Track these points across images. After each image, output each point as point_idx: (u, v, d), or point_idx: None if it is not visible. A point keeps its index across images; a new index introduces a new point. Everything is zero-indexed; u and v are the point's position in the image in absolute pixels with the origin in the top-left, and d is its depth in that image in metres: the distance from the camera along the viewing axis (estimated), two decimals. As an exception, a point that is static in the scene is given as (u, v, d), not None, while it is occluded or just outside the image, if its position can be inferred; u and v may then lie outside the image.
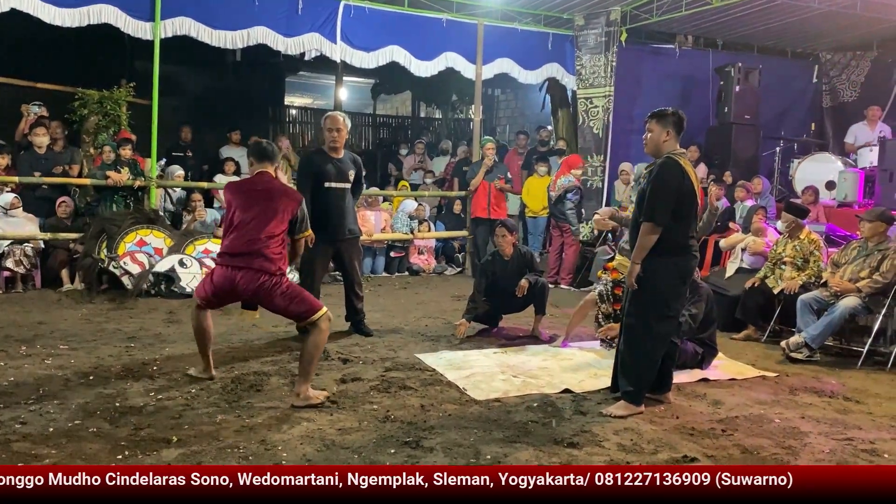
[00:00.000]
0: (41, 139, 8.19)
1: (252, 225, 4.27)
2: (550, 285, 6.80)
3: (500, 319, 6.49)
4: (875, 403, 4.71)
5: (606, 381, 4.74)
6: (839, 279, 5.97)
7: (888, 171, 8.11)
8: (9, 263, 7.41)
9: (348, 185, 5.90)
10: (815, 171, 9.46)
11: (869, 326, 5.89)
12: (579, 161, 9.68)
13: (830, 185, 9.13)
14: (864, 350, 5.73)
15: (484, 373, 5.02)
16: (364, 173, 6.27)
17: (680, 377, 4.91)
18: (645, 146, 4.40)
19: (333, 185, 5.80)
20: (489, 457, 3.50)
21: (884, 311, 5.77)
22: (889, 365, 5.60)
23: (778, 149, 10.19)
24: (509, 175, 9.83)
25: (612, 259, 6.19)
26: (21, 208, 7.75)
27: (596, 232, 9.09)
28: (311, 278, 5.82)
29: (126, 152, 8.17)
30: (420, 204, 10.16)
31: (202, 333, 4.58)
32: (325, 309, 4.27)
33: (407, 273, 9.71)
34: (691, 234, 4.29)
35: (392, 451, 3.54)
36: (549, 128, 11.92)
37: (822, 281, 6.17)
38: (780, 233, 7.10)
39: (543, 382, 4.84)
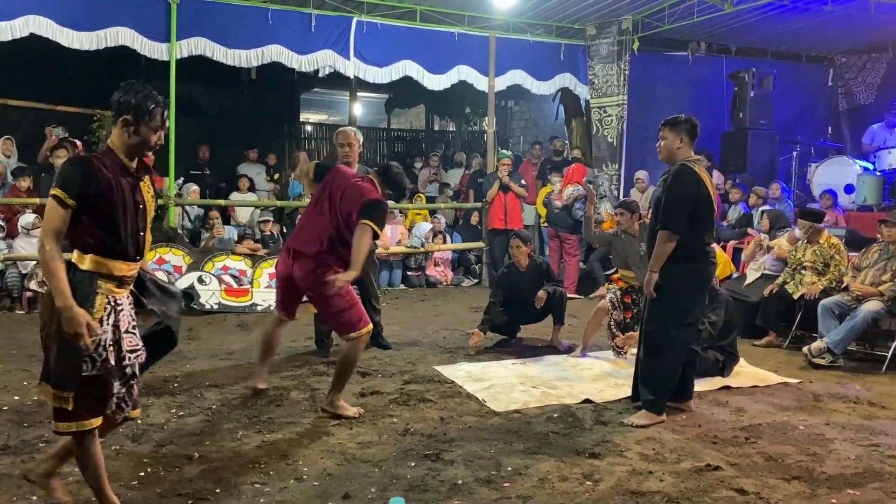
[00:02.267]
0: (62, 161, 8.31)
1: (309, 220, 4.38)
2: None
3: (517, 330, 6.47)
4: (901, 408, 4.65)
5: (627, 391, 4.71)
6: (860, 283, 5.91)
7: (907, 173, 8.03)
8: (32, 285, 7.51)
9: None
10: (834, 174, 9.38)
11: (893, 330, 5.82)
12: (584, 170, 9.82)
13: (849, 189, 9.05)
14: (889, 354, 5.66)
15: (503, 384, 5.01)
16: None
17: (701, 385, 4.88)
18: (659, 154, 4.40)
19: None
20: (510, 468, 3.49)
21: (907, 315, 5.70)
22: (914, 369, 5.53)
23: (795, 153, 10.12)
24: (523, 182, 9.85)
25: (615, 272, 6.18)
26: (42, 229, 7.86)
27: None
28: None
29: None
30: (436, 217, 10.20)
31: (266, 342, 4.61)
32: (370, 326, 4.29)
33: (424, 285, 9.72)
34: (708, 241, 4.27)
35: (413, 464, 3.53)
36: (564, 139, 11.92)
37: (843, 285, 6.11)
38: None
39: (563, 393, 4.82)
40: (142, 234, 2.83)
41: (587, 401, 4.64)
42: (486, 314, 6.16)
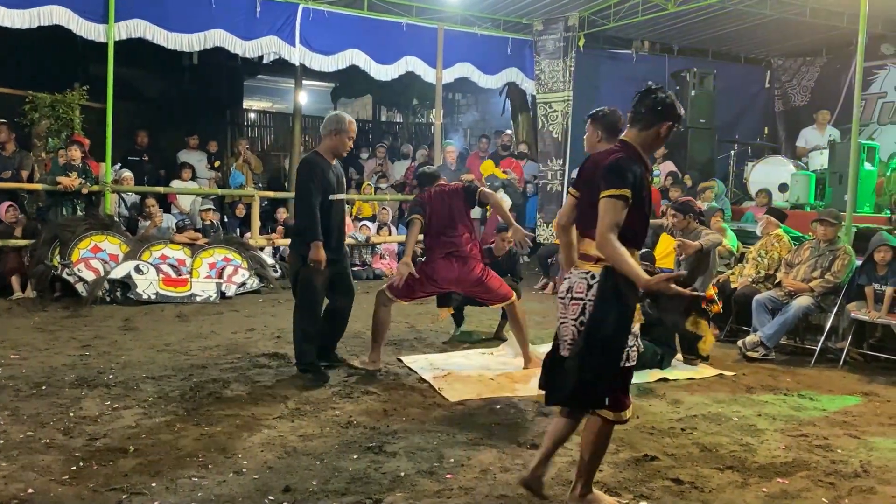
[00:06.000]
0: (-4, 143, 7.95)
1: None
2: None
3: (463, 319, 6.42)
4: (828, 400, 4.83)
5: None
6: (792, 279, 6.11)
7: (837, 174, 8.33)
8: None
9: (345, 196, 5.34)
10: (769, 173, 9.67)
11: (821, 325, 6.04)
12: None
13: (783, 188, 9.34)
14: (818, 348, 5.87)
15: (461, 374, 5.06)
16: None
17: (640, 377, 4.97)
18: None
19: (337, 196, 5.01)
20: (452, 460, 3.50)
21: (835, 310, 5.92)
22: (840, 362, 5.74)
23: (732, 152, 10.40)
24: (471, 176, 9.90)
25: None
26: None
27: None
28: (315, 298, 4.94)
29: (75, 153, 7.90)
30: (383, 208, 10.16)
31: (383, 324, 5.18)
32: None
33: (370, 278, 9.64)
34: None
35: (355, 456, 3.51)
36: (510, 132, 11.99)
37: (776, 281, 6.31)
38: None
39: (519, 385, 4.85)
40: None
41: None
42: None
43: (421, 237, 5.36)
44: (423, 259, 5.38)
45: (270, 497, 3.05)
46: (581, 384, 2.83)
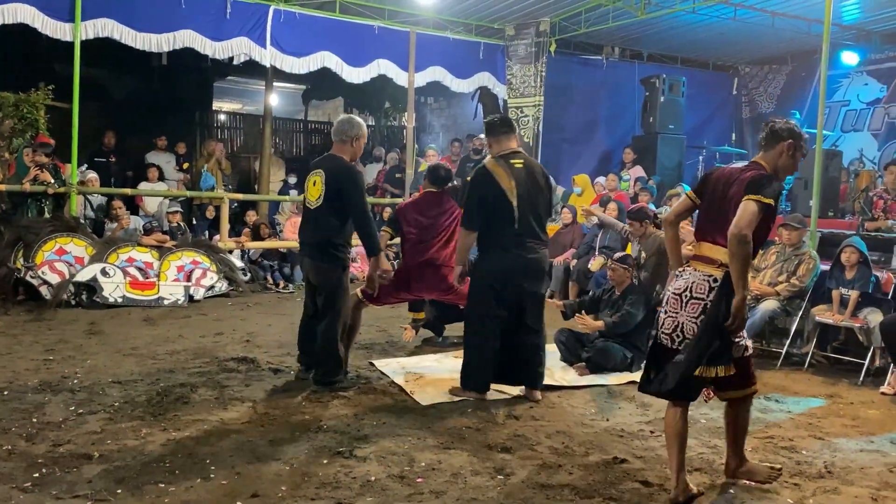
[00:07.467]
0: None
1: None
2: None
3: (443, 329, 6.43)
4: (793, 402, 4.91)
5: (552, 383, 4.87)
6: (759, 283, 6.20)
7: (803, 179, 8.48)
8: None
9: None
10: (736, 179, 9.81)
11: (787, 328, 6.13)
12: None
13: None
14: (783, 351, 5.96)
15: (432, 377, 5.05)
16: None
17: (609, 380, 5.05)
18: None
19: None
20: (423, 464, 3.49)
21: (800, 314, 6.02)
22: (805, 365, 5.84)
23: (700, 157, 10.55)
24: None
25: None
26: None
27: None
28: (347, 305, 4.99)
29: (41, 158, 7.75)
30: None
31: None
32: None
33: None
34: (514, 233, 4.41)
35: (325, 461, 3.49)
36: (482, 136, 12.00)
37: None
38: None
39: (490, 389, 4.83)
40: None
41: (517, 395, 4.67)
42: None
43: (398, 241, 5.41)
44: (396, 264, 5.38)
45: (239, 503, 3.02)
46: (685, 377, 3.08)
